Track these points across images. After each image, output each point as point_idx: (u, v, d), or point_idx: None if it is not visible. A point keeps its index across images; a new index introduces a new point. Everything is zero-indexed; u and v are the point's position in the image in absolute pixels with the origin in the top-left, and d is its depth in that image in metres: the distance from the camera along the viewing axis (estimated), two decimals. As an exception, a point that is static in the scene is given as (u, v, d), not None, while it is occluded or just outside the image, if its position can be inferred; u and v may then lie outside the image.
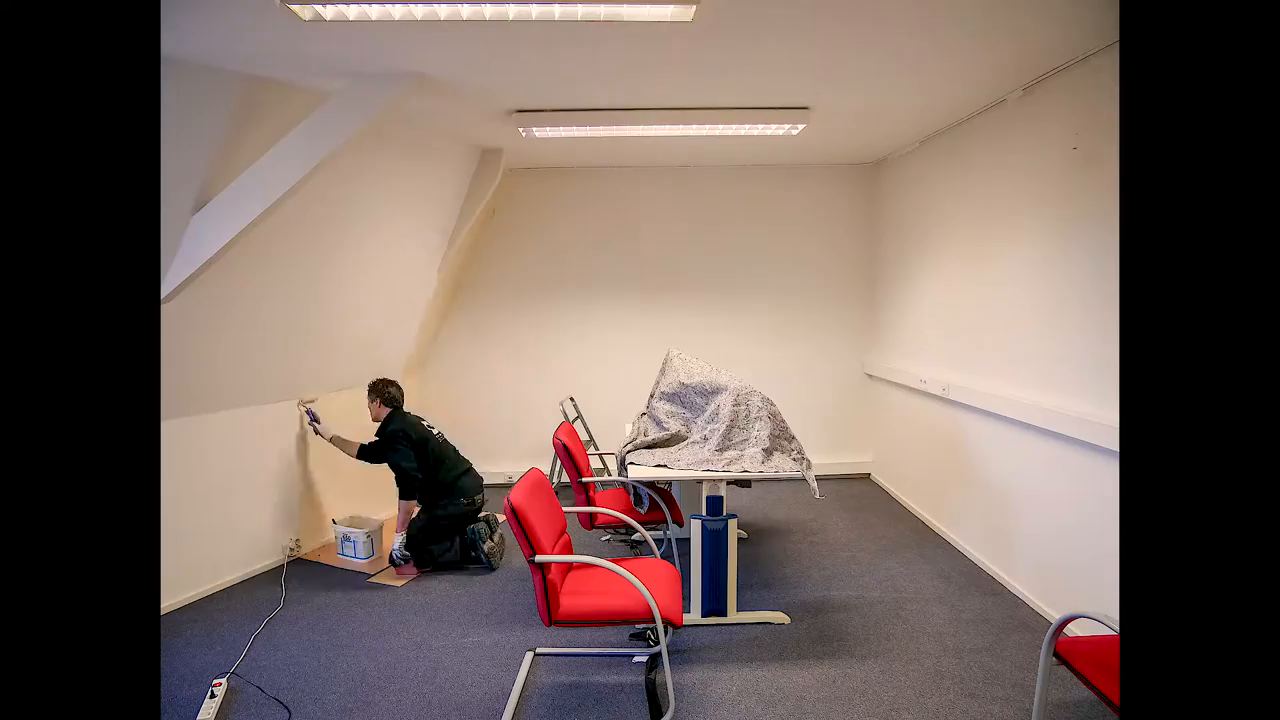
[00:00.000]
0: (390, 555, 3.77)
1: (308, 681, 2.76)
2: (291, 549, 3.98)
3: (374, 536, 4.00)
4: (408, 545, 3.74)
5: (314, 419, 4.02)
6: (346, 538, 3.96)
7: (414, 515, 3.84)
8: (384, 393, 3.86)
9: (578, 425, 5.17)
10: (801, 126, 3.82)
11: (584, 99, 3.47)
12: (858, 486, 5.39)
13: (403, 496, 3.74)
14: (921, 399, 4.57)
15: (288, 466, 3.98)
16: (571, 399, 5.31)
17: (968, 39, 2.69)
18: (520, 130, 3.82)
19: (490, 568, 3.84)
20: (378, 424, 3.88)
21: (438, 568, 3.85)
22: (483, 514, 3.97)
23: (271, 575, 3.78)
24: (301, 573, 3.81)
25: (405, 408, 3.94)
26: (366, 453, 3.95)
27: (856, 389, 5.60)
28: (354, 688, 2.71)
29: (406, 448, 3.73)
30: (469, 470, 3.98)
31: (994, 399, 3.58)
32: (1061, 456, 3.08)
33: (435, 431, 3.96)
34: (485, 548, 3.84)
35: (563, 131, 3.87)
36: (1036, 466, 3.27)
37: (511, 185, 5.32)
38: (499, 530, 4.01)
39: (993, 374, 3.66)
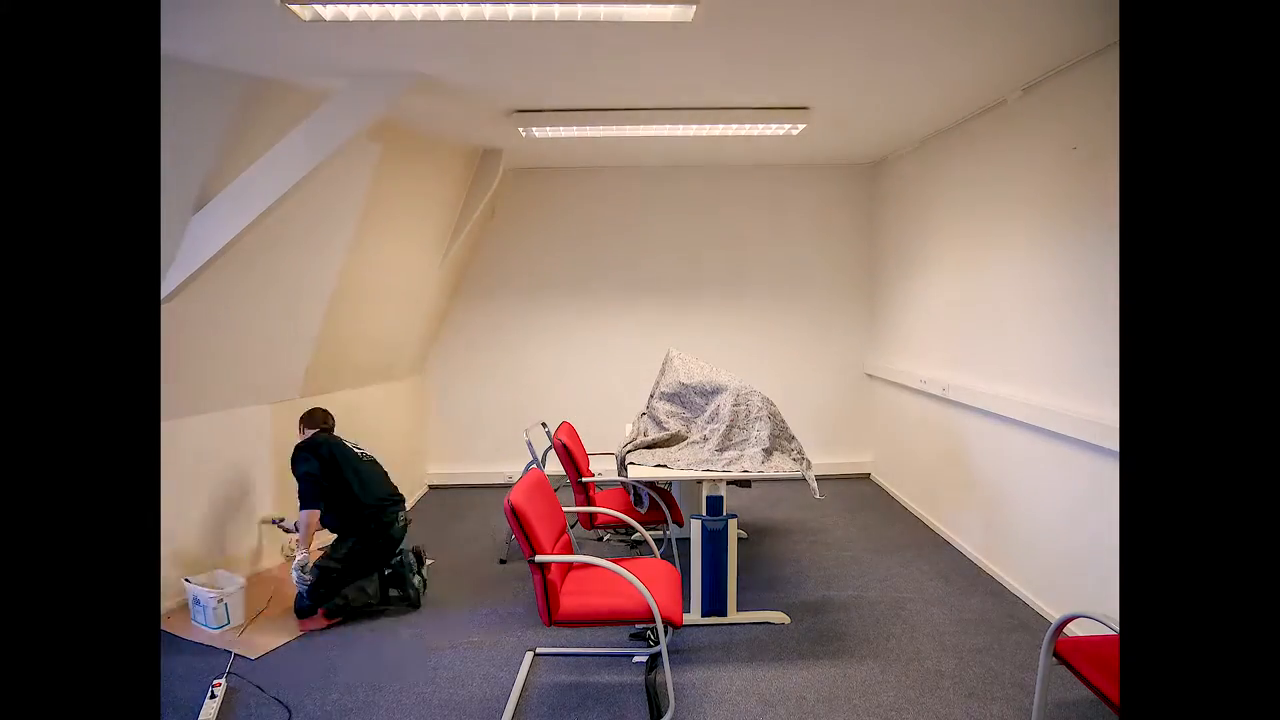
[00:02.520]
0: (296, 596, 3.20)
1: (308, 681, 2.75)
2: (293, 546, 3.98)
3: (229, 602, 3.14)
4: (319, 584, 3.13)
5: (289, 529, 3.65)
6: (196, 600, 3.14)
7: (329, 546, 3.28)
8: (309, 418, 3.50)
9: (547, 457, 4.26)
10: (802, 126, 3.82)
11: (584, 99, 3.47)
12: (858, 486, 5.39)
13: (302, 505, 3.21)
14: (921, 399, 4.57)
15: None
16: (543, 424, 4.38)
17: (968, 38, 2.69)
18: (520, 130, 3.82)
19: (415, 605, 3.36)
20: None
21: (350, 615, 3.24)
22: (407, 547, 3.47)
23: (270, 575, 3.77)
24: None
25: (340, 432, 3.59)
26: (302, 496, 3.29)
27: (857, 389, 5.60)
28: (354, 688, 2.71)
29: (310, 456, 3.26)
30: (397, 500, 3.48)
31: (994, 399, 3.58)
32: (1061, 456, 3.08)
33: (362, 453, 3.49)
34: (415, 581, 3.39)
35: (562, 131, 3.86)
36: (1036, 466, 3.27)
37: (511, 185, 5.32)
38: (426, 564, 3.60)
39: (993, 374, 3.66)
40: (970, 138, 3.86)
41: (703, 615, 3.14)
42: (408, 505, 4.91)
